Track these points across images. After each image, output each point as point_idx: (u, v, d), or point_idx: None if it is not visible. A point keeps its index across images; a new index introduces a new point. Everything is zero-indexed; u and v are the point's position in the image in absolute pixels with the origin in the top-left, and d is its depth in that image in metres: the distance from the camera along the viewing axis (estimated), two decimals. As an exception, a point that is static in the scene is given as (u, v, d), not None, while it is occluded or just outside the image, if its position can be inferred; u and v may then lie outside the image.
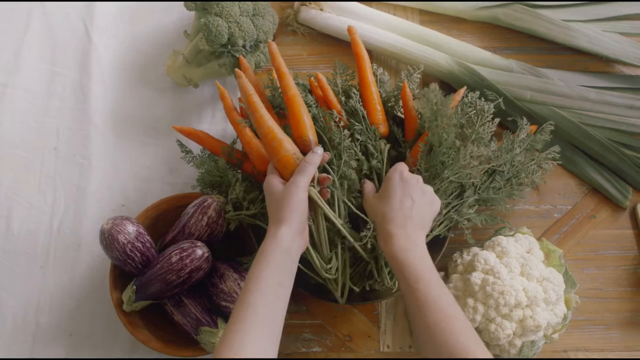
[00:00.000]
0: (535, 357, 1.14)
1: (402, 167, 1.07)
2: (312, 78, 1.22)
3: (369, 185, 1.11)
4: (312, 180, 1.02)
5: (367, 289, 1.13)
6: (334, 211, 1.08)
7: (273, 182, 1.01)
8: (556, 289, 1.11)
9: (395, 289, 1.11)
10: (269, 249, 0.95)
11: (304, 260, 1.06)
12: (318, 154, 1.03)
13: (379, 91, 1.20)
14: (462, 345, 0.85)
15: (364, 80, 1.17)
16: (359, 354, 1.22)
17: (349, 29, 1.19)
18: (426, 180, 1.11)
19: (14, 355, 1.21)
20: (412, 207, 1.01)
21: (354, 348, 1.23)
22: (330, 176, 1.06)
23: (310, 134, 1.07)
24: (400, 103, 1.22)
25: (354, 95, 1.17)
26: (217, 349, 0.86)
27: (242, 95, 1.08)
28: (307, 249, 1.05)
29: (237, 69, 1.10)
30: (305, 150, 1.06)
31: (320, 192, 1.05)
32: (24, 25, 1.45)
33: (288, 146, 1.04)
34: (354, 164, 1.11)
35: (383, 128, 1.17)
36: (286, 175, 1.02)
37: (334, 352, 1.22)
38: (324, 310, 1.24)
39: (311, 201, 1.03)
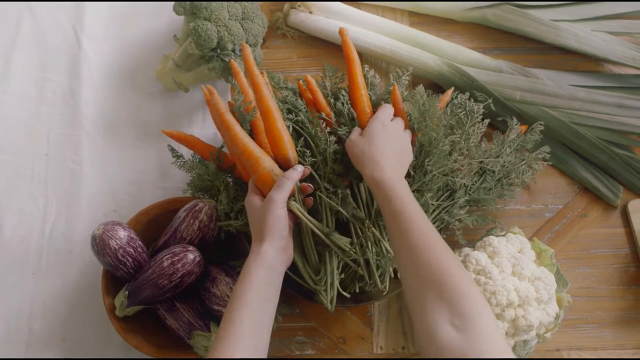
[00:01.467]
0: (528, 356, 1.14)
1: (383, 115, 1.11)
2: (301, 81, 1.22)
3: (355, 131, 1.11)
4: (293, 194, 1.03)
5: (357, 291, 1.13)
6: (321, 218, 1.09)
7: (252, 200, 1.02)
8: (548, 288, 1.11)
9: (386, 292, 1.11)
10: (252, 267, 0.96)
11: (295, 266, 1.06)
12: (298, 171, 1.03)
13: (369, 94, 1.20)
14: (445, 265, 0.85)
15: (354, 82, 1.17)
16: (352, 356, 1.22)
17: (340, 31, 1.19)
18: (416, 179, 1.11)
19: (7, 362, 1.21)
20: (394, 151, 1.06)
21: (347, 350, 1.23)
22: (310, 185, 1.06)
23: (289, 150, 1.07)
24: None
25: (342, 97, 1.17)
26: None
27: (215, 113, 1.08)
28: (295, 260, 1.05)
29: (209, 86, 1.11)
30: (285, 165, 1.06)
31: (303, 201, 1.05)
32: (13, 31, 1.45)
33: (265, 164, 1.03)
34: (340, 169, 1.11)
35: None
36: (266, 192, 1.02)
37: (327, 355, 1.22)
38: (317, 312, 1.24)
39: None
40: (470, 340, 0.76)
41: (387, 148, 1.04)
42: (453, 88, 1.25)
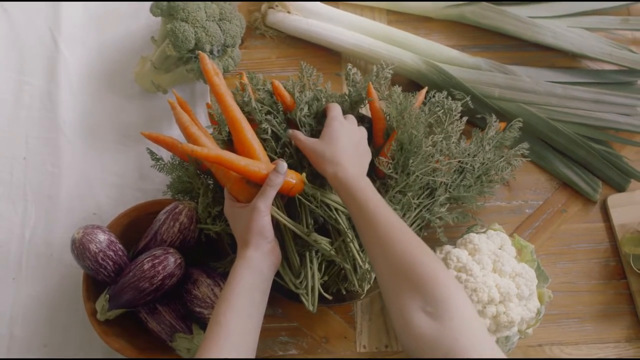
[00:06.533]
0: (510, 352, 1.15)
1: (338, 113, 1.11)
2: (276, 82, 1.20)
3: (299, 133, 1.12)
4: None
5: (344, 292, 1.14)
6: (300, 220, 1.09)
7: (233, 209, 1.03)
8: (529, 284, 1.12)
9: (364, 294, 1.11)
10: (238, 271, 0.96)
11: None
12: (281, 174, 1.00)
13: (349, 89, 1.20)
14: (415, 254, 0.85)
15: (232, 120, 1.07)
16: (335, 355, 1.22)
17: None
18: (399, 181, 1.12)
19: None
20: (355, 150, 1.07)
21: (331, 349, 1.23)
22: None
23: (262, 157, 1.05)
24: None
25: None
26: None
27: (179, 127, 1.10)
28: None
29: (170, 100, 1.13)
30: (258, 174, 1.01)
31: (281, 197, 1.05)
32: (-12, 33, 1.44)
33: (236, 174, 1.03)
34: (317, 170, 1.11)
35: None
36: (241, 199, 1.03)
37: (310, 354, 1.22)
38: (300, 312, 1.24)
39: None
40: (444, 326, 0.76)
41: (347, 148, 1.04)
42: (427, 88, 1.25)
